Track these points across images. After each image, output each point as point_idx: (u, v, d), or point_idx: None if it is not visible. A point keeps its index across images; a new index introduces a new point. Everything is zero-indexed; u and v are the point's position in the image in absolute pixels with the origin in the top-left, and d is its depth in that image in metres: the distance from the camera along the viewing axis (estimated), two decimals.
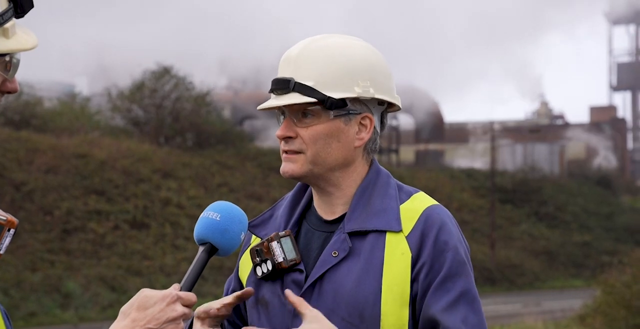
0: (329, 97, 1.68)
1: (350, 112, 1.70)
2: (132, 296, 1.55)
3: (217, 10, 52.92)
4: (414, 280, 1.66)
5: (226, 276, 18.79)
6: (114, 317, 1.55)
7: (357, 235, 1.69)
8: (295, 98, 1.68)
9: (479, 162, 37.82)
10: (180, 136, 25.40)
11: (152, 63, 26.36)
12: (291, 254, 1.71)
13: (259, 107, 1.73)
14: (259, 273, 1.72)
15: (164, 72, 26.27)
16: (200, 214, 1.69)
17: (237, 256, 1.83)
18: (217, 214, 1.65)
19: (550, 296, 22.06)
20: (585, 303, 12.48)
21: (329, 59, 1.70)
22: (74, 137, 22.17)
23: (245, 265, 1.80)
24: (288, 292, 1.60)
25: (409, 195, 1.73)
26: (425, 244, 1.66)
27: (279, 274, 1.71)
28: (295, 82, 1.68)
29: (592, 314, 11.68)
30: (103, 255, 17.72)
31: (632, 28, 60.55)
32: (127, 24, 49.82)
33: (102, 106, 27.24)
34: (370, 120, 1.73)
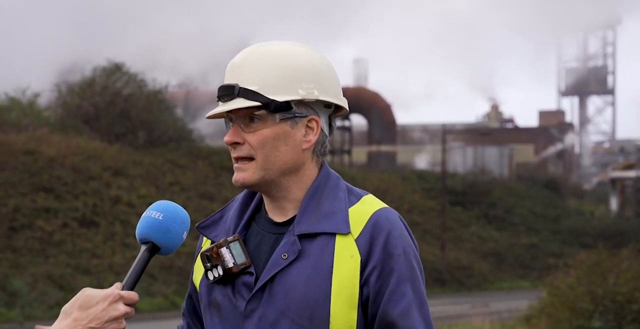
0: (273, 100, 1.69)
1: (296, 115, 1.71)
2: None
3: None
4: (364, 284, 1.67)
5: (176, 275, 18.64)
6: None
7: (307, 237, 1.70)
8: (240, 103, 1.69)
9: (431, 164, 38.15)
10: (131, 133, 25.10)
11: (103, 60, 26.04)
12: (240, 259, 1.72)
13: (207, 116, 1.76)
14: (211, 277, 1.74)
15: (115, 69, 25.95)
16: None
17: (185, 255, 1.85)
18: (160, 214, 1.65)
19: (498, 297, 22.37)
20: (531, 304, 12.69)
21: (272, 63, 1.71)
22: (22, 133, 21.76)
23: (198, 269, 1.82)
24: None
25: (359, 198, 1.75)
26: (374, 247, 1.68)
27: (230, 278, 1.73)
28: (240, 88, 1.70)
29: (537, 315, 11.88)
30: (51, 253, 17.43)
31: (580, 35, 61.67)
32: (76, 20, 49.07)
33: (51, 102, 26.78)
34: (317, 122, 1.73)
